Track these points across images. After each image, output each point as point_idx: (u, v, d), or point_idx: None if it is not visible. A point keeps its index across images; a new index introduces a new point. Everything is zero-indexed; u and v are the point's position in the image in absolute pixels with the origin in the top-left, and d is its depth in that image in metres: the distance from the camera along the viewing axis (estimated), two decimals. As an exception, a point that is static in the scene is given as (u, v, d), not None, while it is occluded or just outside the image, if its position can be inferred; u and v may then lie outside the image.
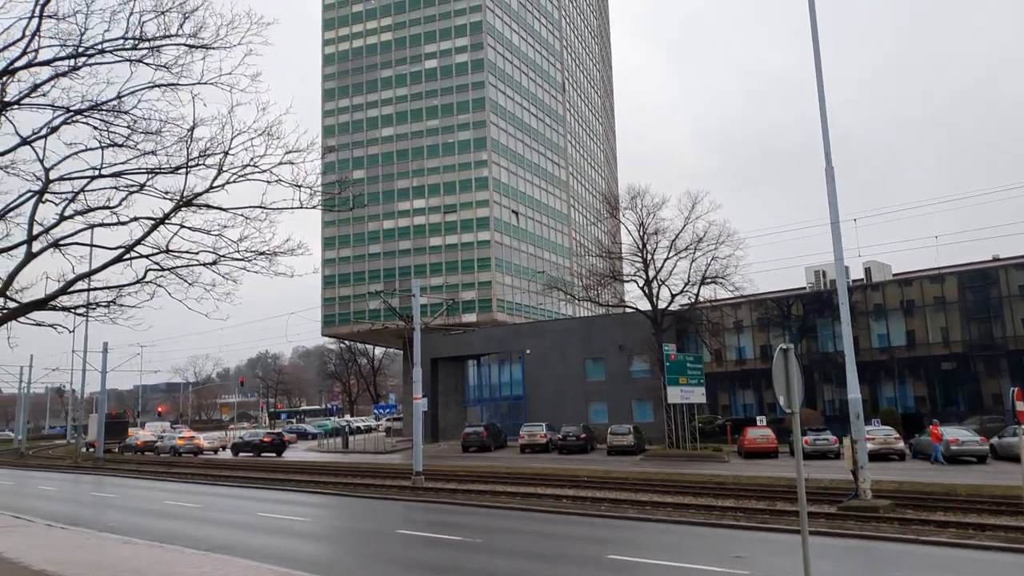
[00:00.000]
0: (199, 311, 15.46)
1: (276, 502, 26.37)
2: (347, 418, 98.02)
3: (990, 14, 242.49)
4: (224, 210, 14.59)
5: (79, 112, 13.50)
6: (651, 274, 46.75)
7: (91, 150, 14.08)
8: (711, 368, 50.91)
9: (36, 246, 14.00)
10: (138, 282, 14.74)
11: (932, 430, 35.68)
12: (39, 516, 22.11)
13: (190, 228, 14.61)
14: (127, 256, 14.43)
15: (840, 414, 43.73)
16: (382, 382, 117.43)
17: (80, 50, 13.07)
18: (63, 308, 14.93)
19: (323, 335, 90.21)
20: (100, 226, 14.87)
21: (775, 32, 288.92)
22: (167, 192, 14.50)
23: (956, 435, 35.15)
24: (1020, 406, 20.55)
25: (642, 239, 47.06)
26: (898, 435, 37.76)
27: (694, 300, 47.69)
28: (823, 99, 22.44)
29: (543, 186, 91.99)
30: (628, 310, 52.32)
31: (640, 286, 47.66)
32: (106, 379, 58.21)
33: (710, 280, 45.90)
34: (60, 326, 15.58)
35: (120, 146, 14.10)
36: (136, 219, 14.50)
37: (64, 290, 14.28)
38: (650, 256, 46.85)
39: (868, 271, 57.36)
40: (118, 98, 13.62)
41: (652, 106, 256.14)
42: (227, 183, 14.42)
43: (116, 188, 14.51)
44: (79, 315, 15.51)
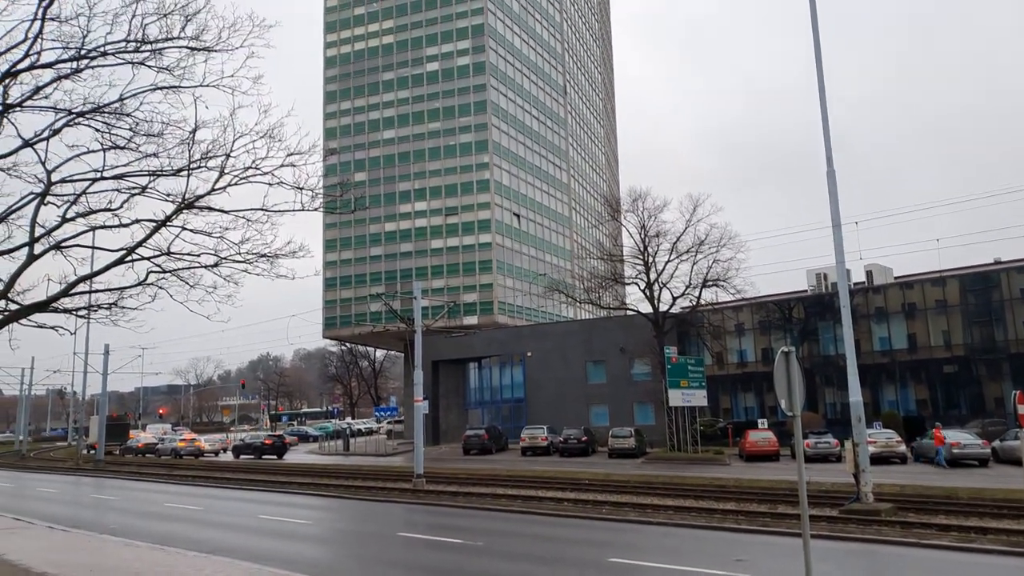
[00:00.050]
0: (200, 313, 15.50)
1: (277, 504, 26.37)
2: (348, 420, 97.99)
3: (991, 16, 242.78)
4: (226, 212, 14.62)
5: (81, 114, 13.51)
6: (652, 277, 46.79)
7: (93, 152, 14.11)
8: (712, 371, 50.90)
9: (38, 248, 14.03)
10: (139, 284, 14.77)
11: (935, 433, 35.67)
12: (40, 518, 22.08)
13: (192, 230, 14.64)
14: (128, 258, 14.44)
15: (842, 417, 43.72)
16: (383, 384, 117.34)
17: (82, 52, 13.10)
18: (64, 310, 14.94)
19: (324, 337, 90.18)
20: (102, 228, 14.92)
21: (777, 35, 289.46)
22: (169, 194, 14.54)
23: (958, 438, 35.15)
24: (1022, 409, 20.55)
25: (643, 242, 47.14)
26: (900, 438, 37.72)
27: (695, 303, 47.74)
28: (824, 102, 22.45)
29: (544, 188, 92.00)
30: (629, 313, 52.32)
31: (641, 289, 47.77)
32: (107, 381, 58.21)
33: (711, 283, 45.96)
34: (61, 328, 15.61)
35: (122, 148, 14.12)
36: (138, 221, 14.52)
37: (65, 292, 14.28)
38: (651, 259, 46.92)
39: (870, 274, 57.39)
40: (120, 100, 13.65)
41: (653, 108, 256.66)
42: (229, 185, 14.44)
43: (118, 190, 14.53)
44: (80, 317, 15.51)
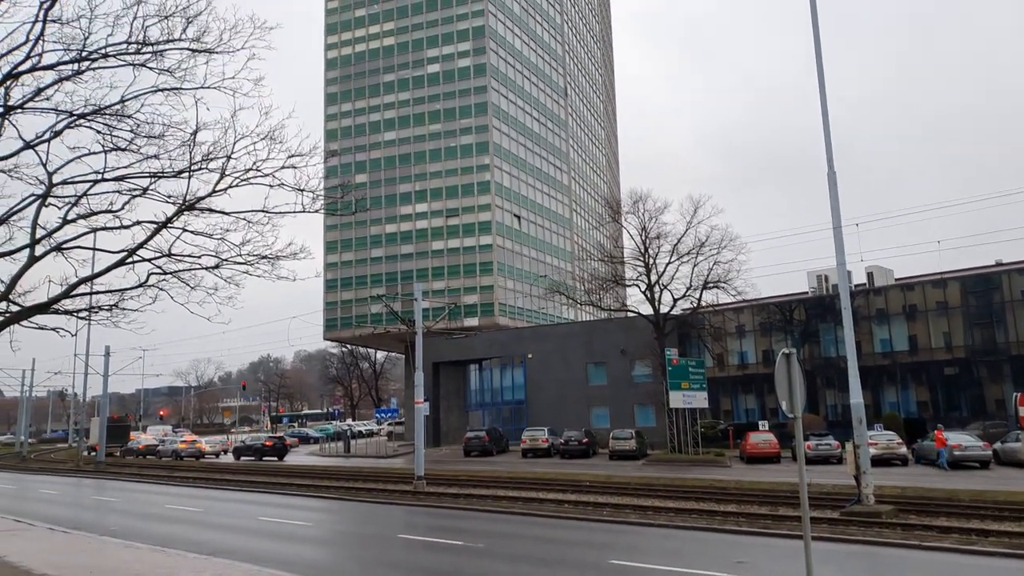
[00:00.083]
0: (201, 315, 15.50)
1: (278, 506, 26.36)
2: (349, 422, 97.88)
3: (991, 17, 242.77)
4: (226, 214, 14.62)
5: (82, 116, 13.53)
6: (653, 278, 46.76)
7: (94, 154, 14.11)
8: (713, 373, 50.88)
9: (39, 250, 14.04)
10: (140, 286, 14.78)
11: (937, 435, 35.60)
12: (41, 520, 22.09)
13: (192, 232, 14.64)
14: (129, 260, 14.45)
15: (843, 419, 43.70)
16: (384, 386, 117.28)
17: (84, 54, 13.11)
18: (65, 312, 14.94)
19: (325, 339, 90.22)
20: (103, 230, 14.93)
21: (776, 33, 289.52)
22: (170, 196, 14.55)
23: (959, 440, 35.08)
24: (1023, 411, 20.53)
25: (644, 243, 47.12)
26: (901, 440, 37.67)
27: (696, 304, 47.74)
28: (825, 105, 22.45)
29: (545, 190, 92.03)
30: (630, 314, 52.27)
31: (642, 290, 47.74)
32: (108, 383, 58.22)
33: (712, 284, 45.93)
34: (62, 330, 15.61)
35: (123, 150, 14.13)
36: (139, 223, 14.53)
37: (66, 294, 14.29)
38: (652, 260, 46.90)
39: (871, 276, 57.33)
40: (121, 102, 13.66)
41: (654, 110, 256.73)
42: (230, 187, 14.45)
43: (119, 192, 14.54)
44: (81, 319, 15.51)
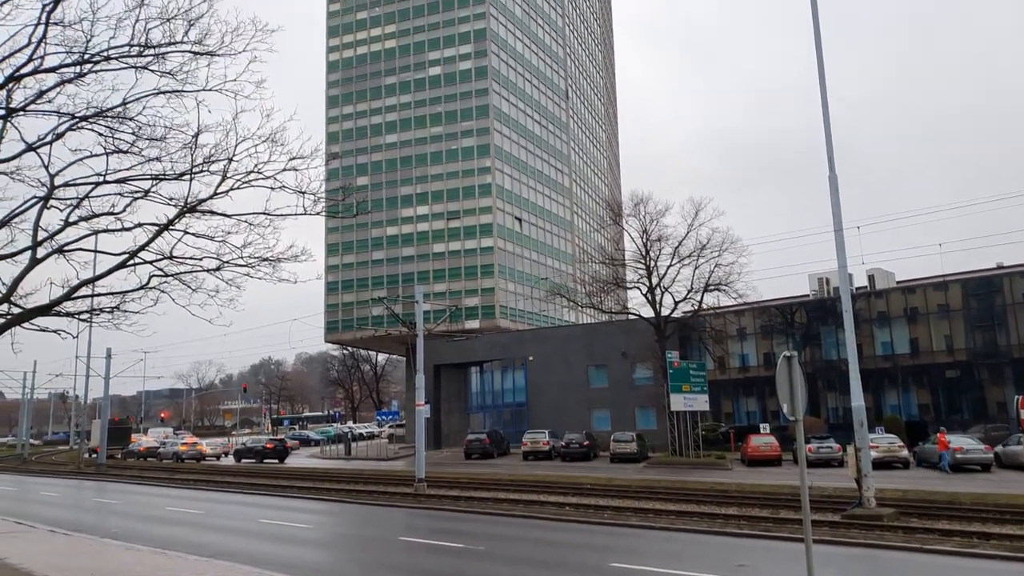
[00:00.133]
0: (202, 317, 15.50)
1: (279, 509, 26.35)
2: (350, 424, 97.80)
3: (991, 17, 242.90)
4: (228, 216, 14.65)
5: (84, 118, 13.55)
6: (654, 281, 46.73)
7: (96, 156, 14.14)
8: (714, 375, 50.82)
9: (40, 252, 14.05)
10: (142, 288, 14.79)
11: (939, 438, 35.54)
12: (42, 522, 22.09)
13: (194, 234, 14.67)
14: (131, 262, 14.47)
15: (844, 422, 43.66)
16: (385, 389, 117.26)
17: (86, 57, 13.14)
18: (67, 314, 14.95)
19: (326, 341, 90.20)
20: (104, 232, 14.97)
21: (776, 34, 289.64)
22: (171, 198, 14.58)
23: (960, 443, 35.03)
24: (1024, 414, 20.51)
25: (645, 246, 47.10)
26: (902, 443, 37.60)
27: (697, 307, 47.72)
28: (826, 107, 22.45)
29: (546, 192, 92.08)
30: (631, 317, 52.24)
31: (643, 293, 47.69)
32: (109, 385, 58.27)
33: (713, 287, 45.90)
34: (64, 332, 15.62)
35: (125, 152, 14.16)
36: (140, 225, 14.56)
37: (68, 296, 14.31)
38: (653, 263, 46.86)
39: (872, 278, 57.31)
40: (123, 104, 13.68)
41: (654, 110, 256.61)
42: (231, 189, 14.48)
43: (120, 194, 14.57)
44: (83, 321, 15.51)
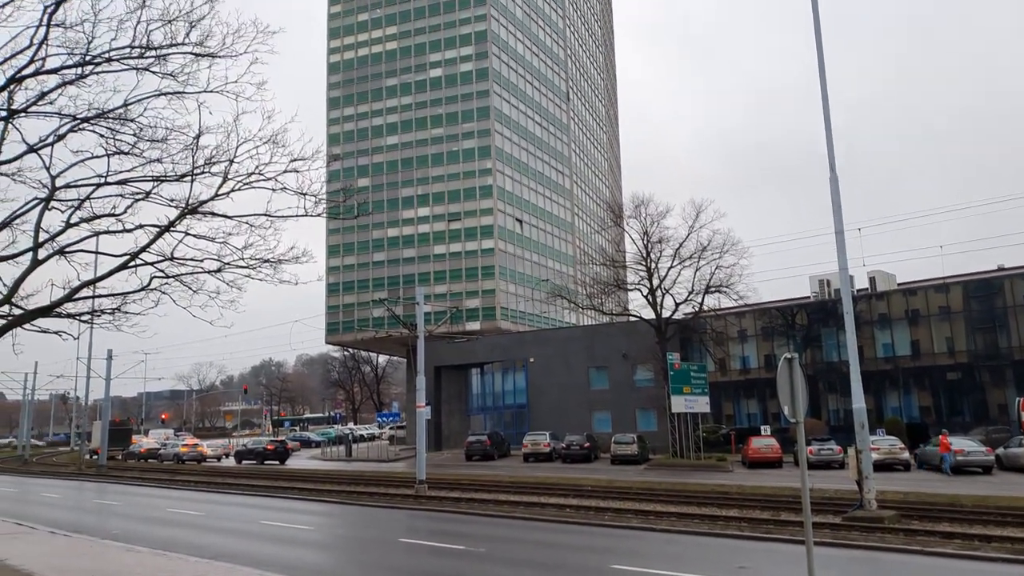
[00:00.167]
0: (203, 318, 15.52)
1: (279, 510, 26.35)
2: (350, 426, 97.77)
3: (991, 18, 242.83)
4: (229, 218, 14.68)
5: (86, 120, 13.57)
6: (655, 283, 46.72)
7: (97, 158, 14.16)
8: (715, 377, 50.78)
9: (42, 253, 14.08)
10: (143, 289, 14.81)
11: (941, 440, 35.48)
12: (42, 523, 22.09)
13: (195, 236, 14.71)
14: (132, 263, 14.48)
15: (845, 424, 43.62)
16: (385, 390, 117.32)
17: (87, 58, 13.16)
18: (68, 315, 14.97)
19: (327, 343, 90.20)
20: (105, 233, 14.99)
21: (776, 33, 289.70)
22: (172, 200, 14.60)
23: (962, 446, 34.97)
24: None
25: (646, 248, 47.10)
26: (903, 445, 37.54)
27: (698, 309, 47.69)
28: (827, 109, 22.45)
29: (547, 194, 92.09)
30: (632, 319, 52.20)
31: (644, 295, 47.68)
32: (110, 386, 58.34)
33: (714, 289, 45.89)
34: (65, 333, 15.64)
35: (126, 154, 14.19)
36: (141, 226, 14.58)
37: (69, 297, 14.32)
38: (654, 265, 46.85)
39: (873, 280, 57.25)
40: (124, 106, 13.70)
41: (655, 112, 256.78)
42: (232, 191, 14.50)
43: (122, 196, 14.61)
44: (84, 322, 15.53)
